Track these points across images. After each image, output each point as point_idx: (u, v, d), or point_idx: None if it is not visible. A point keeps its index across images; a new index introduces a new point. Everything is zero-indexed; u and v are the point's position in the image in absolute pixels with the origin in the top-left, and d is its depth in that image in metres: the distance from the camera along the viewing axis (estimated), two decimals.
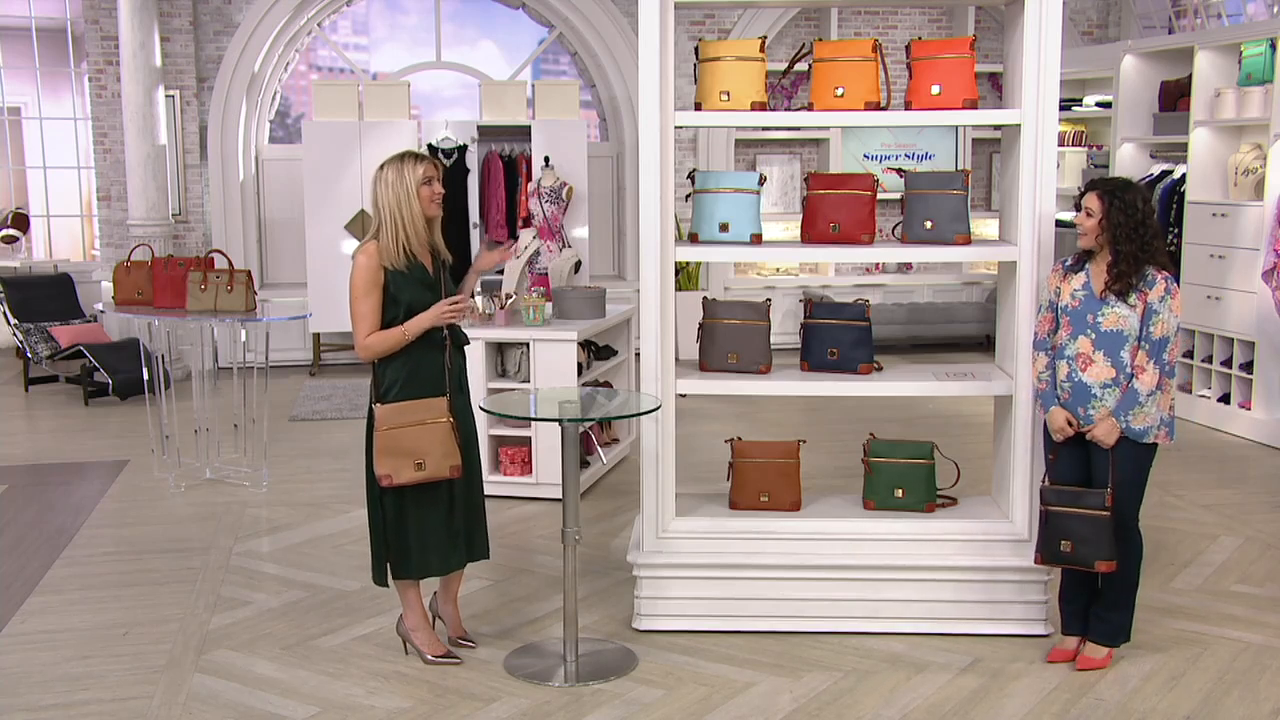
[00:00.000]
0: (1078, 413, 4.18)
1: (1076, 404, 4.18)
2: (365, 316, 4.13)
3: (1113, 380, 4.12)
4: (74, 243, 12.95)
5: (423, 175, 4.13)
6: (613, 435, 7.20)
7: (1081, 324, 4.16)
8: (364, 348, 4.16)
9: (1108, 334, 4.12)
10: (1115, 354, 4.12)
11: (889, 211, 5.22)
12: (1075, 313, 4.18)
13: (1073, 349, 4.18)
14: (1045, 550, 4.21)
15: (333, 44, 11.45)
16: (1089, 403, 4.15)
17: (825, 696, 4.11)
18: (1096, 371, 4.13)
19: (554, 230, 9.50)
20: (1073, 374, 4.18)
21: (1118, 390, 4.12)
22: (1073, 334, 4.18)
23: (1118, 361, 4.11)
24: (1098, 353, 4.13)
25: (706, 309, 4.83)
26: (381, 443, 4.14)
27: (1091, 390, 4.14)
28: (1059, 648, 4.41)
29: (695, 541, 4.65)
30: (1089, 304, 4.16)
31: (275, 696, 4.13)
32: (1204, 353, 8.24)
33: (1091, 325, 4.14)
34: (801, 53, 4.82)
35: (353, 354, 10.72)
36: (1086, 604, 4.37)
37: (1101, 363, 4.12)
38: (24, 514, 6.35)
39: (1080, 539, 4.12)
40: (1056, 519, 4.16)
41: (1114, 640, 4.32)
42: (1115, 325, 4.11)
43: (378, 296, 4.13)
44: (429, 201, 4.16)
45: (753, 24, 11.09)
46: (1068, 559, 4.17)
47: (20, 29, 12.06)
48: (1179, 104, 8.58)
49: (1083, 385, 4.15)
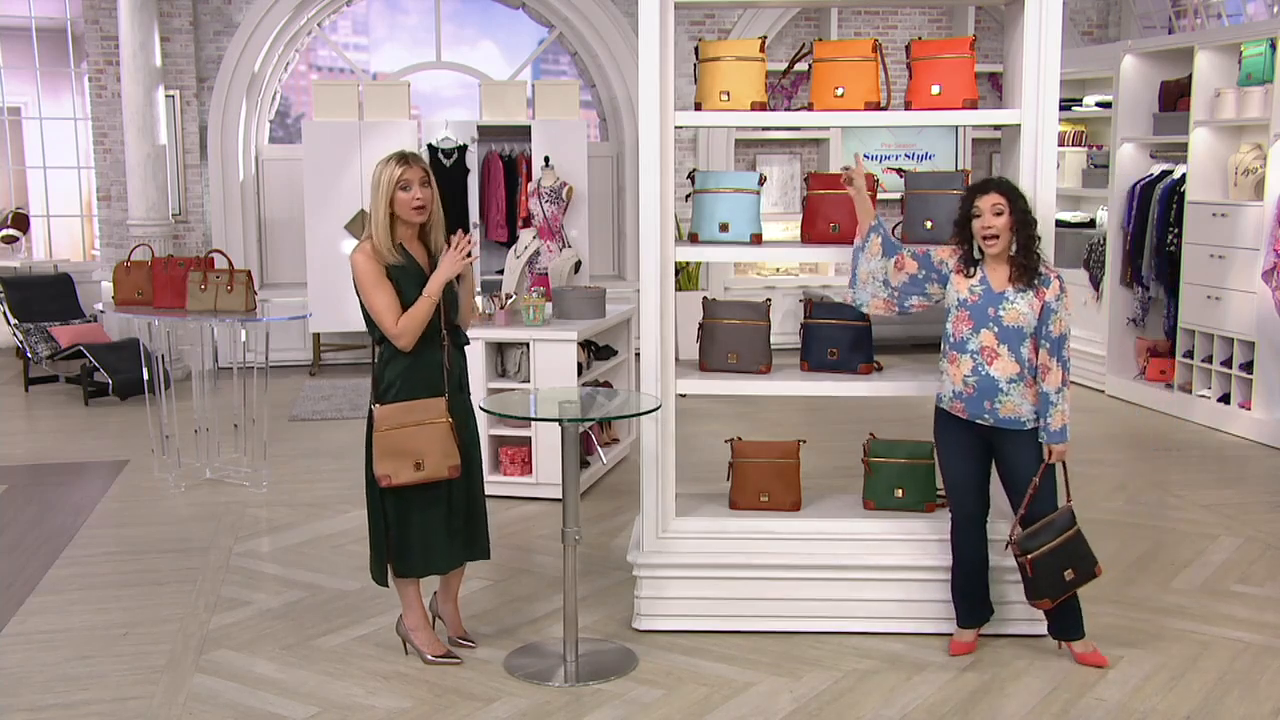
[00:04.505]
0: (982, 406, 4.18)
1: (982, 398, 4.18)
2: (388, 307, 4.09)
3: (1017, 375, 4.15)
4: (74, 243, 12.95)
5: (398, 179, 4.08)
6: (613, 435, 7.20)
7: (983, 318, 4.17)
8: (399, 335, 4.08)
9: (1009, 329, 4.15)
10: (1017, 349, 4.15)
11: (889, 211, 5.22)
12: (975, 307, 4.19)
13: (976, 342, 4.18)
14: (1047, 590, 4.19)
15: (333, 44, 11.45)
16: (995, 397, 4.17)
17: (825, 696, 4.11)
18: (1003, 366, 4.15)
19: (554, 230, 9.50)
20: (979, 367, 4.18)
21: (1022, 385, 4.14)
22: (974, 328, 4.18)
23: (1020, 357, 4.15)
24: (1002, 346, 4.15)
25: (706, 309, 4.83)
26: (380, 443, 4.14)
27: (999, 384, 4.15)
28: (957, 640, 4.44)
29: (695, 541, 4.66)
30: (988, 298, 4.17)
31: (275, 696, 4.13)
32: (1204, 353, 8.24)
33: (994, 319, 4.16)
34: (801, 53, 4.82)
35: (353, 354, 10.73)
36: (984, 595, 4.42)
37: (1007, 357, 4.15)
38: (24, 514, 6.35)
39: (1076, 561, 4.19)
40: (1049, 558, 4.17)
41: (1080, 634, 4.36)
42: (1015, 321, 4.14)
43: (388, 286, 4.10)
44: (407, 207, 4.10)
45: (753, 24, 11.09)
46: (1073, 585, 4.22)
47: (20, 29, 12.06)
48: (1179, 104, 8.58)
49: (990, 379, 4.16)
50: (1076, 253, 9.51)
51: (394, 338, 4.11)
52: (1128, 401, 8.96)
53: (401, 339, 4.10)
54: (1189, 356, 8.37)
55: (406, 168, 4.09)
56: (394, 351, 4.16)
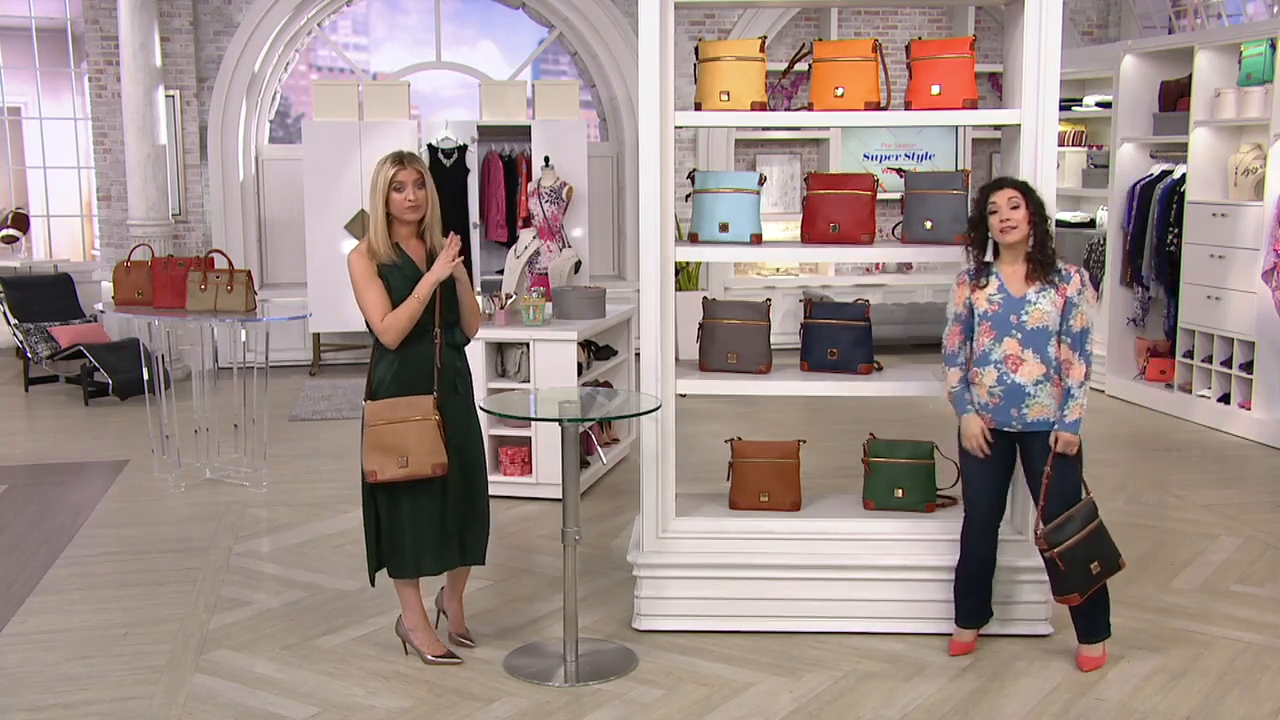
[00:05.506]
0: (1010, 414, 4.18)
1: (1009, 406, 4.18)
2: (374, 303, 4.15)
3: (1044, 376, 4.15)
4: (74, 243, 12.95)
5: (392, 180, 4.13)
6: (613, 435, 7.20)
7: (1004, 326, 4.17)
8: (383, 331, 4.14)
9: (1034, 331, 4.14)
10: (1043, 350, 4.15)
11: (889, 211, 5.21)
12: (996, 316, 4.18)
13: (999, 352, 4.18)
14: (1075, 585, 4.13)
15: (333, 44, 11.45)
16: (1023, 403, 4.17)
17: (825, 696, 4.11)
18: (1029, 370, 4.14)
19: (554, 230, 9.50)
20: (1003, 377, 4.17)
21: (1049, 385, 4.15)
22: (996, 338, 4.18)
23: (1046, 357, 4.15)
24: (1027, 350, 4.15)
25: (706, 309, 4.83)
26: (369, 438, 4.16)
27: (1025, 390, 4.15)
28: (957, 640, 4.43)
29: (695, 541, 4.65)
30: (1009, 305, 4.17)
31: (275, 696, 4.13)
32: (1204, 353, 8.24)
33: (1016, 325, 4.15)
34: (801, 53, 4.82)
35: (353, 354, 10.73)
36: (987, 597, 4.42)
37: (1032, 360, 4.14)
38: (24, 514, 6.35)
39: (1101, 553, 4.16)
40: (1076, 550, 4.13)
41: (1109, 632, 4.35)
42: (1040, 322, 4.14)
43: (379, 284, 4.16)
44: (401, 206, 4.15)
45: (753, 24, 11.09)
46: (1099, 578, 4.18)
47: (20, 29, 12.06)
48: (1179, 104, 8.58)
49: (1016, 386, 4.16)
50: (1076, 253, 9.51)
51: (379, 334, 4.17)
52: (1128, 401, 8.96)
53: (385, 335, 4.15)
54: (1189, 356, 8.37)
55: (400, 169, 4.14)
56: (386, 349, 4.20)
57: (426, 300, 4.15)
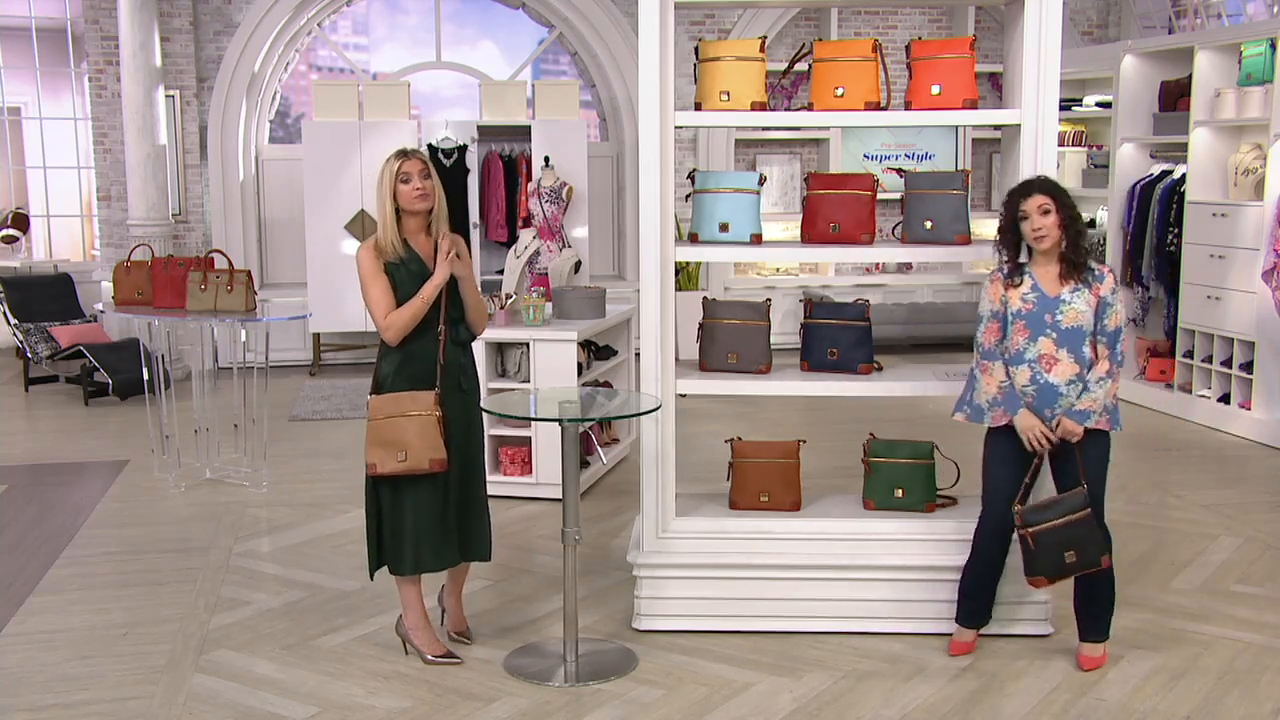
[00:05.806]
0: (1044, 414, 4.18)
1: (1042, 405, 4.17)
2: (378, 300, 4.18)
3: (1077, 376, 4.15)
4: (74, 243, 12.95)
5: (398, 172, 4.17)
6: (613, 435, 7.20)
7: (1039, 326, 4.16)
8: (386, 328, 4.18)
9: (1069, 331, 4.14)
10: (1078, 350, 4.14)
11: (889, 211, 5.21)
12: (1030, 315, 4.17)
13: (1033, 351, 4.17)
14: (1044, 568, 4.15)
15: (333, 44, 11.45)
16: (1056, 402, 4.16)
17: (825, 696, 4.11)
18: (1062, 370, 4.14)
19: (554, 230, 9.50)
20: (1036, 376, 4.17)
21: (1080, 385, 4.15)
22: (1031, 336, 4.17)
23: (1080, 357, 4.14)
24: (1061, 350, 4.14)
25: (706, 309, 4.83)
26: (371, 432, 4.19)
27: (1059, 390, 4.15)
28: (957, 640, 4.43)
29: (695, 541, 4.65)
30: (1044, 305, 4.16)
31: (275, 696, 4.13)
32: (1204, 353, 8.24)
33: (1051, 325, 4.15)
34: (801, 53, 4.82)
35: (353, 354, 10.74)
36: (990, 600, 4.41)
37: (1066, 360, 4.14)
38: (24, 514, 6.35)
39: (1080, 545, 4.13)
40: (1051, 534, 4.13)
41: (1108, 634, 4.34)
42: (1075, 321, 4.13)
43: (384, 281, 4.19)
44: (409, 197, 4.17)
45: (753, 24, 11.09)
46: (1071, 569, 4.16)
47: (20, 29, 12.06)
48: (1179, 104, 8.58)
49: (1049, 386, 4.15)
50: None
51: (381, 331, 4.20)
52: (1128, 401, 8.95)
53: (388, 333, 4.18)
54: (1189, 356, 8.37)
55: (405, 160, 4.18)
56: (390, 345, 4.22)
57: (430, 302, 4.18)
